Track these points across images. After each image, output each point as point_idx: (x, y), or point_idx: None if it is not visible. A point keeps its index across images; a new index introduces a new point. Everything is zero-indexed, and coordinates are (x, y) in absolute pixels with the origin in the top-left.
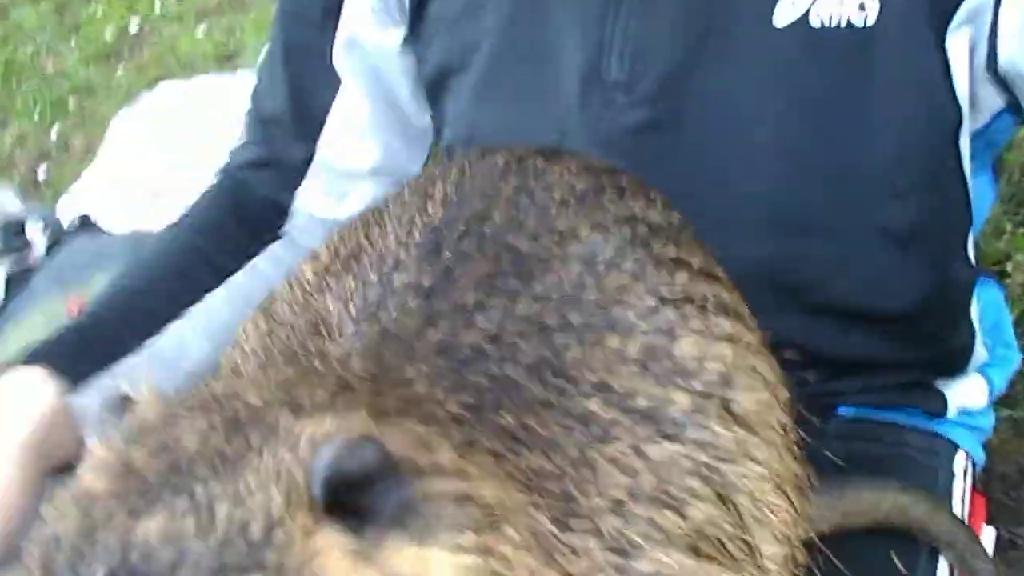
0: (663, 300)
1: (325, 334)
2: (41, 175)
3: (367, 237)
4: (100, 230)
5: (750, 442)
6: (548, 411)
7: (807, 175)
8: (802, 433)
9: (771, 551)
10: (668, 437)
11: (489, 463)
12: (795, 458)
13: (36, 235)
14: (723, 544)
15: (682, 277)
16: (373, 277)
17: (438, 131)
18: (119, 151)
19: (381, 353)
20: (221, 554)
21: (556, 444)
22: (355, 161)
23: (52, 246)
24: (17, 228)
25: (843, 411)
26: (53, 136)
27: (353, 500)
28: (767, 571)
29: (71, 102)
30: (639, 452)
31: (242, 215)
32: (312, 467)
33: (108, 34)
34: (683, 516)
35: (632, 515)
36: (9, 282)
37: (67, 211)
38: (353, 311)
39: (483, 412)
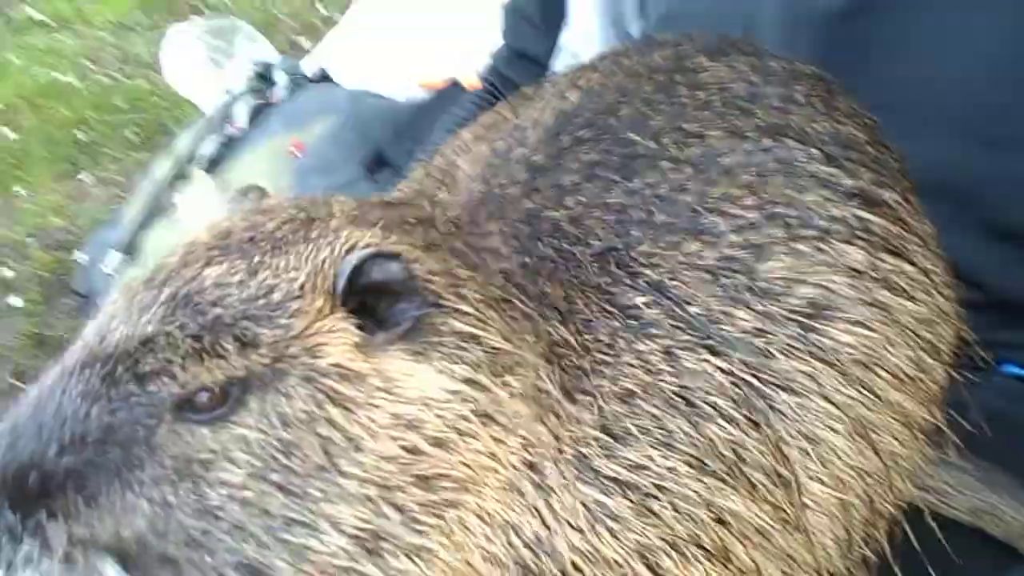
0: (772, 216)
1: (446, 185)
2: (304, 44)
3: (514, 111)
4: (332, 84)
5: (827, 376)
6: (596, 294)
7: (1020, 80)
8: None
9: (821, 492)
10: (711, 350)
11: (518, 321)
12: (916, 409)
13: (280, 79)
14: (739, 468)
15: (814, 196)
16: (501, 145)
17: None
18: (362, 20)
19: (477, 208)
20: (247, 305)
21: (590, 324)
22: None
23: (293, 92)
24: (266, 72)
25: (1009, 368)
26: (319, 9)
27: (373, 307)
28: (797, 507)
29: None
30: (670, 355)
31: None
32: (341, 264)
33: None
34: (695, 427)
35: (638, 409)
36: (253, 114)
37: (311, 64)
38: (474, 171)
39: (536, 277)
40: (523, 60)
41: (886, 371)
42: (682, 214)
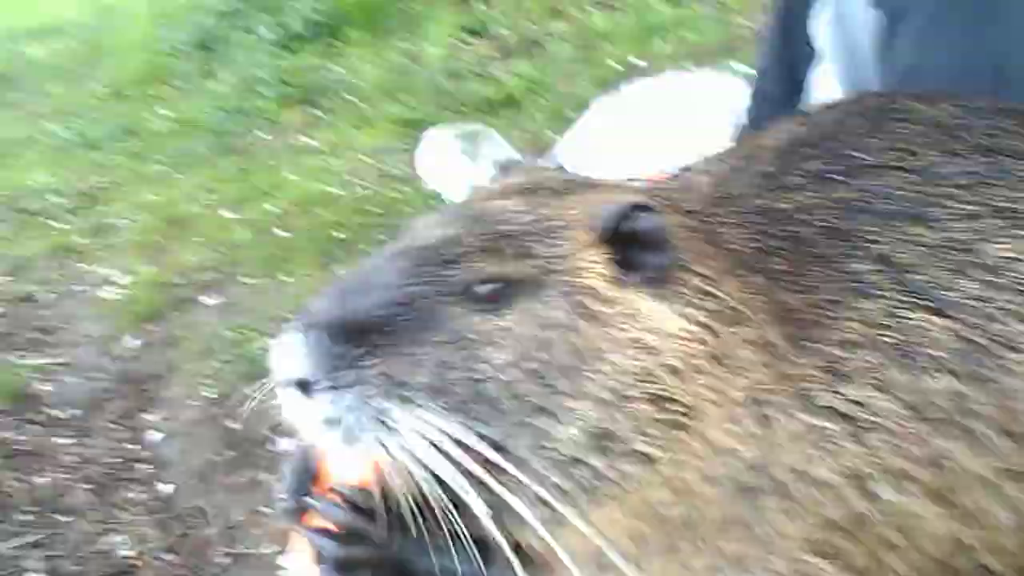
0: (995, 209)
1: (686, 192)
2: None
3: (756, 142)
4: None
5: None
6: (821, 264)
7: None
8: None
9: None
10: (933, 311)
11: (749, 287)
12: None
13: None
14: (960, 419)
15: None
16: (737, 162)
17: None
18: (595, 123)
19: (714, 204)
20: (527, 226)
21: (816, 288)
22: None
23: None
24: (509, 167)
25: None
26: (549, 134)
27: (627, 255)
28: None
29: (567, 114)
30: (891, 313)
31: None
32: (605, 210)
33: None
34: (916, 377)
35: (858, 356)
36: None
37: (551, 159)
38: (712, 180)
39: (765, 255)
40: None
41: None
42: (904, 205)
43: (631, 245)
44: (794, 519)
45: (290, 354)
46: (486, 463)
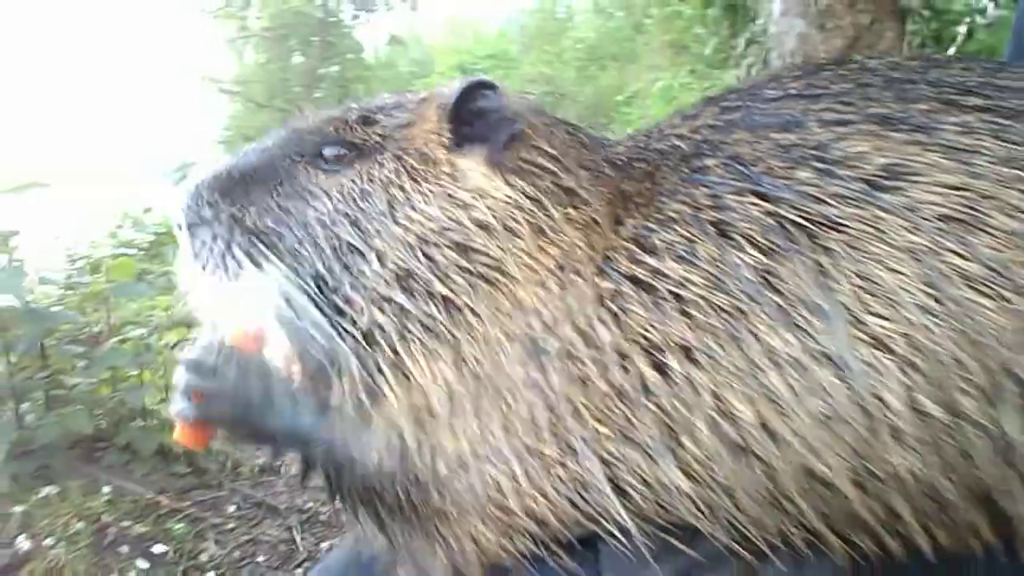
0: (868, 116)
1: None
2: None
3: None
4: None
5: (892, 224)
6: (679, 162)
7: None
8: None
9: (882, 330)
10: (759, 195)
11: (600, 179)
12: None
13: None
14: (765, 294)
15: (916, 108)
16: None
17: None
18: None
19: (628, 138)
20: (384, 103)
21: (660, 180)
22: None
23: None
24: None
25: None
26: None
27: (472, 131)
28: (841, 342)
29: None
30: (718, 196)
31: None
32: (452, 88)
33: None
34: (724, 251)
35: (671, 230)
36: None
37: None
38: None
39: (634, 160)
40: None
41: (985, 228)
42: (782, 118)
43: (482, 125)
44: (577, 382)
45: (174, 203)
46: (317, 303)
